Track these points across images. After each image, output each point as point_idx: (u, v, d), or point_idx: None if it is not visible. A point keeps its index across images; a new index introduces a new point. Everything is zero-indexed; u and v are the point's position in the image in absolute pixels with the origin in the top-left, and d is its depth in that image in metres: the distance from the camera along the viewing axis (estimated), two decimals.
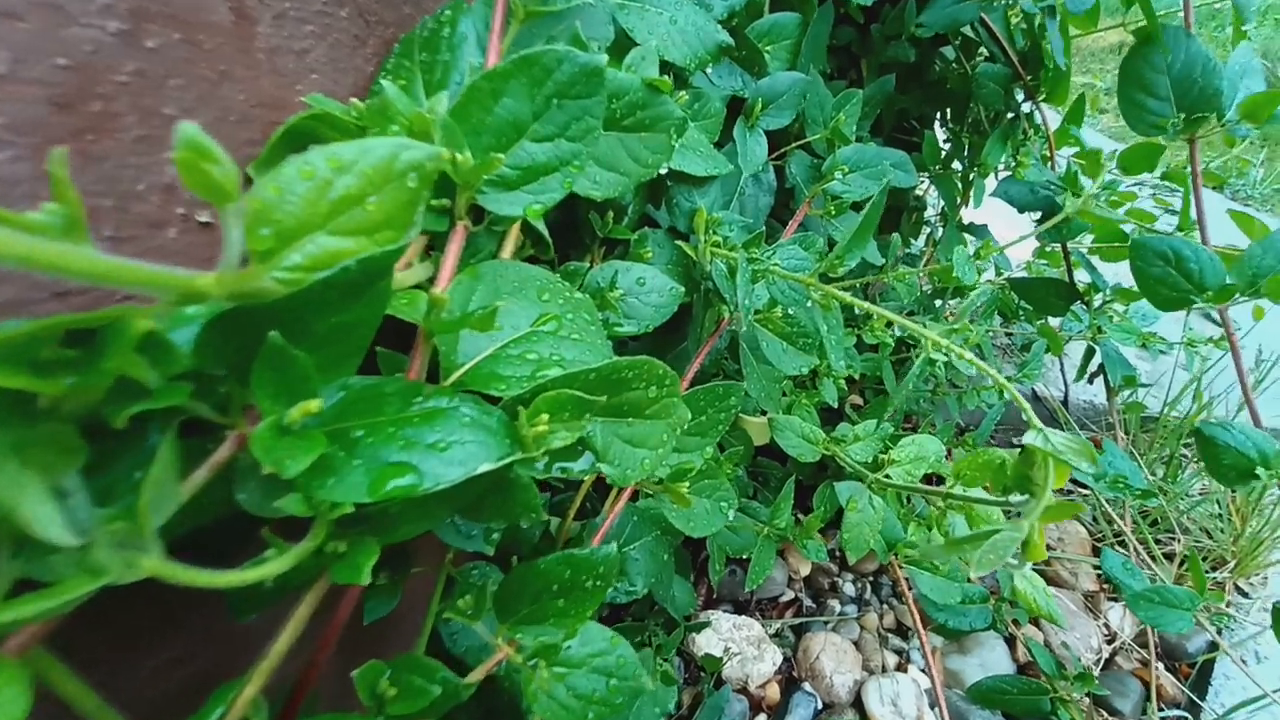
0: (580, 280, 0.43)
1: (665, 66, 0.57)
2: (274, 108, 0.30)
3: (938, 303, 1.40)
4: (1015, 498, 0.34)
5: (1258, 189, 2.84)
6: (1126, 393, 1.01)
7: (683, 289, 0.47)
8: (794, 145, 0.76)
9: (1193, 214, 0.81)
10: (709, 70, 0.60)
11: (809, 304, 0.50)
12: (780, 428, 0.77)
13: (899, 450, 0.67)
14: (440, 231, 0.30)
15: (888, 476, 0.60)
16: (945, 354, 0.34)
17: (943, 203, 1.05)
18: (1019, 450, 0.41)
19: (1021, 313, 1.24)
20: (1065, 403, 1.32)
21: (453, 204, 0.29)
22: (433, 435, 0.21)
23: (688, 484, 0.43)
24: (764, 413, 0.84)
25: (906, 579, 0.91)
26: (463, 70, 0.33)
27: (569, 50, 0.27)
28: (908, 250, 1.38)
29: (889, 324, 1.05)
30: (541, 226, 0.39)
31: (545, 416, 0.26)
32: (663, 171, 0.43)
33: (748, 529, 0.74)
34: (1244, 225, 0.89)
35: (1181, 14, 0.62)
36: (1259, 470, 0.59)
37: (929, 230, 1.44)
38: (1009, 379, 0.92)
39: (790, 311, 0.55)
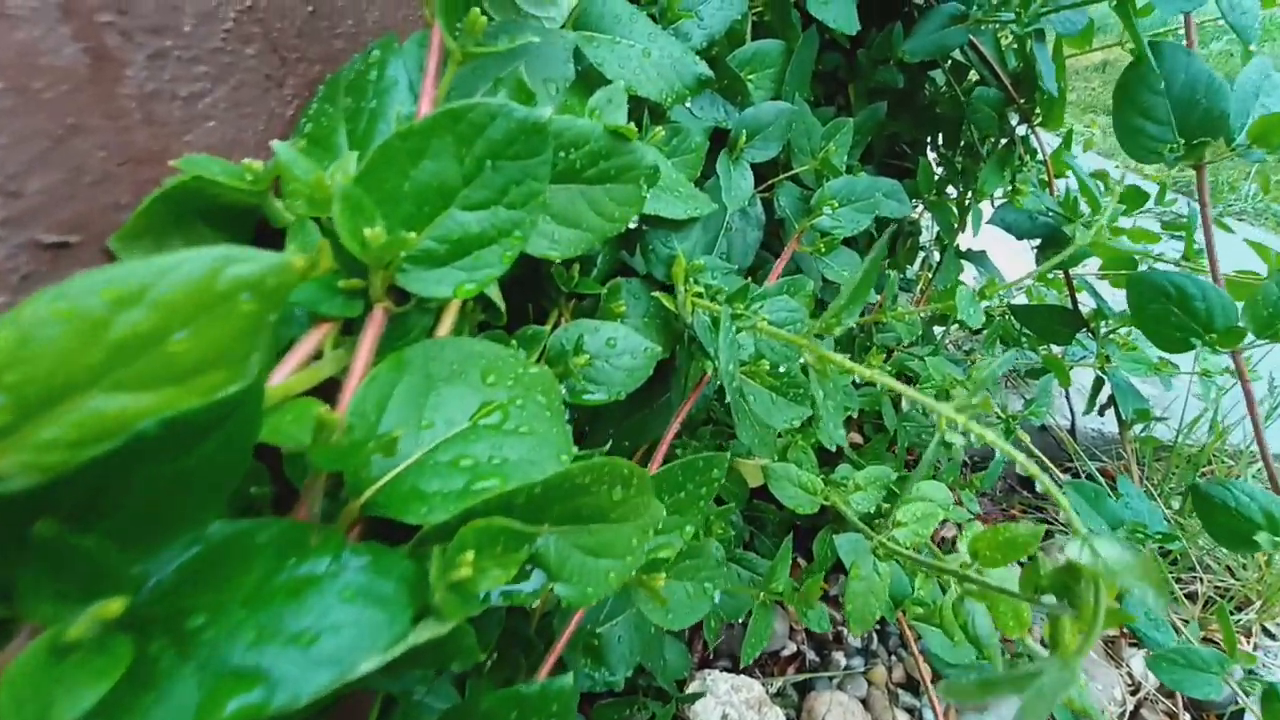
0: (539, 347, 0.38)
1: (640, 102, 0.53)
2: (151, 163, 0.25)
3: (937, 330, 1.36)
4: (1048, 598, 0.29)
5: (1250, 203, 2.83)
6: (1139, 426, 0.96)
7: (659, 348, 0.42)
8: (782, 176, 0.72)
9: (1199, 240, 0.77)
10: (689, 102, 0.56)
11: (800, 361, 0.45)
12: (775, 477, 0.72)
13: (903, 509, 0.61)
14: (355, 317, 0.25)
15: (894, 540, 0.55)
16: (959, 428, 0.30)
17: (938, 228, 1.01)
18: (1043, 530, 0.36)
19: (1025, 340, 1.19)
20: (1073, 431, 1.27)
21: (367, 284, 0.24)
22: (299, 620, 0.15)
23: (664, 575, 0.37)
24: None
25: (914, 631, 0.86)
26: (391, 120, 0.29)
27: (503, 104, 0.23)
28: (903, 276, 1.34)
29: (887, 358, 1.00)
30: (493, 292, 0.34)
31: (471, 554, 0.20)
32: (633, 220, 0.39)
33: (743, 592, 0.69)
34: (1261, 253, 0.85)
35: (1182, 31, 0.59)
36: (1260, 535, 0.54)
37: (924, 255, 1.40)
38: (1015, 415, 0.87)
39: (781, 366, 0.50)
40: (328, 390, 0.25)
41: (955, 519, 0.83)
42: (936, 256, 1.24)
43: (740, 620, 0.72)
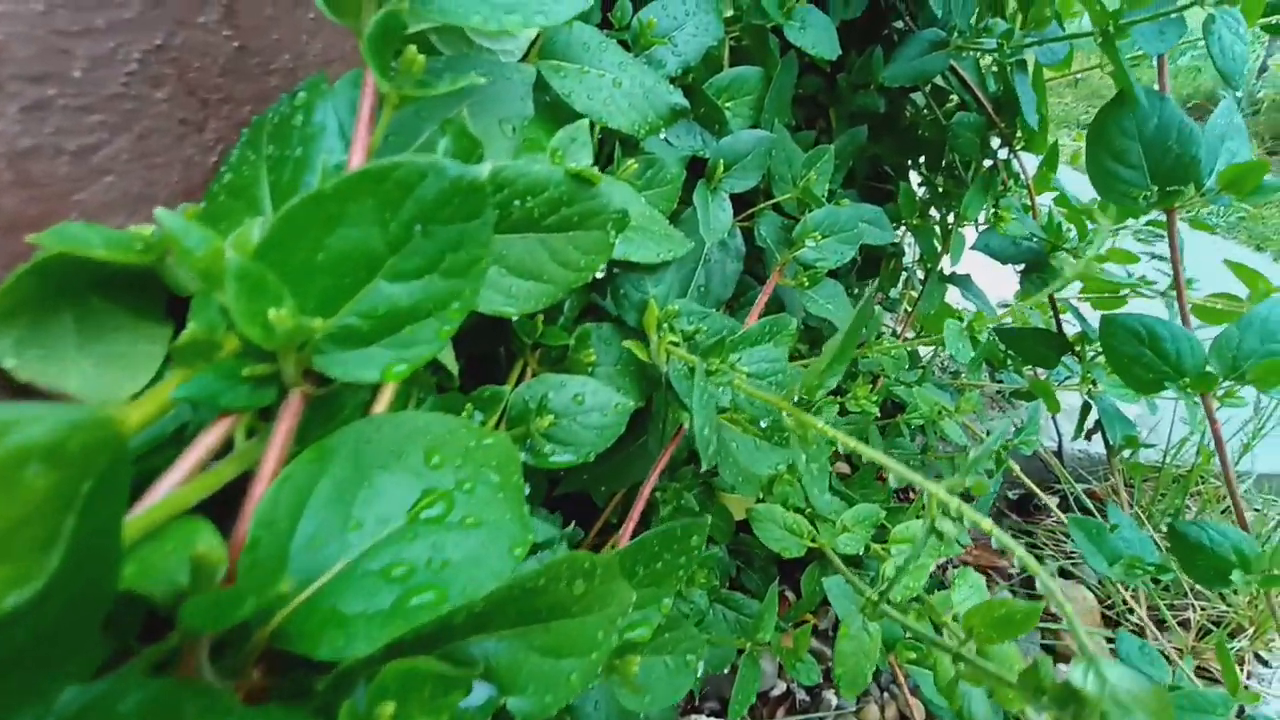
0: (499, 409, 0.34)
1: (612, 133, 0.50)
2: (31, 228, 0.22)
3: (923, 350, 1.34)
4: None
5: (1223, 217, 2.89)
6: (1127, 452, 0.94)
7: (630, 403, 0.39)
8: (763, 205, 0.70)
9: (1167, 269, 0.76)
10: (664, 131, 0.53)
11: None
12: (760, 519, 0.69)
13: (893, 563, 0.58)
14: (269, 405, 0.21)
15: (886, 600, 0.52)
16: (952, 511, 0.27)
17: (921, 250, 1.00)
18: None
19: (1010, 362, 1.18)
20: (1060, 453, 1.25)
21: (280, 367, 0.20)
22: None
23: (639, 656, 0.34)
24: None
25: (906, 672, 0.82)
26: (318, 170, 0.25)
27: (433, 162, 0.20)
28: (886, 297, 1.33)
29: (873, 385, 0.98)
30: (445, 354, 0.31)
31: (393, 706, 0.17)
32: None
33: (728, 643, 0.65)
34: (1242, 275, 0.84)
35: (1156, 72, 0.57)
36: (1235, 573, 0.52)
37: (907, 275, 1.39)
38: (1005, 444, 0.85)
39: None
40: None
41: (947, 554, 0.81)
42: (920, 275, 1.22)
43: (726, 670, 0.68)
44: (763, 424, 0.43)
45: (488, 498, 0.25)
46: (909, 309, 1.43)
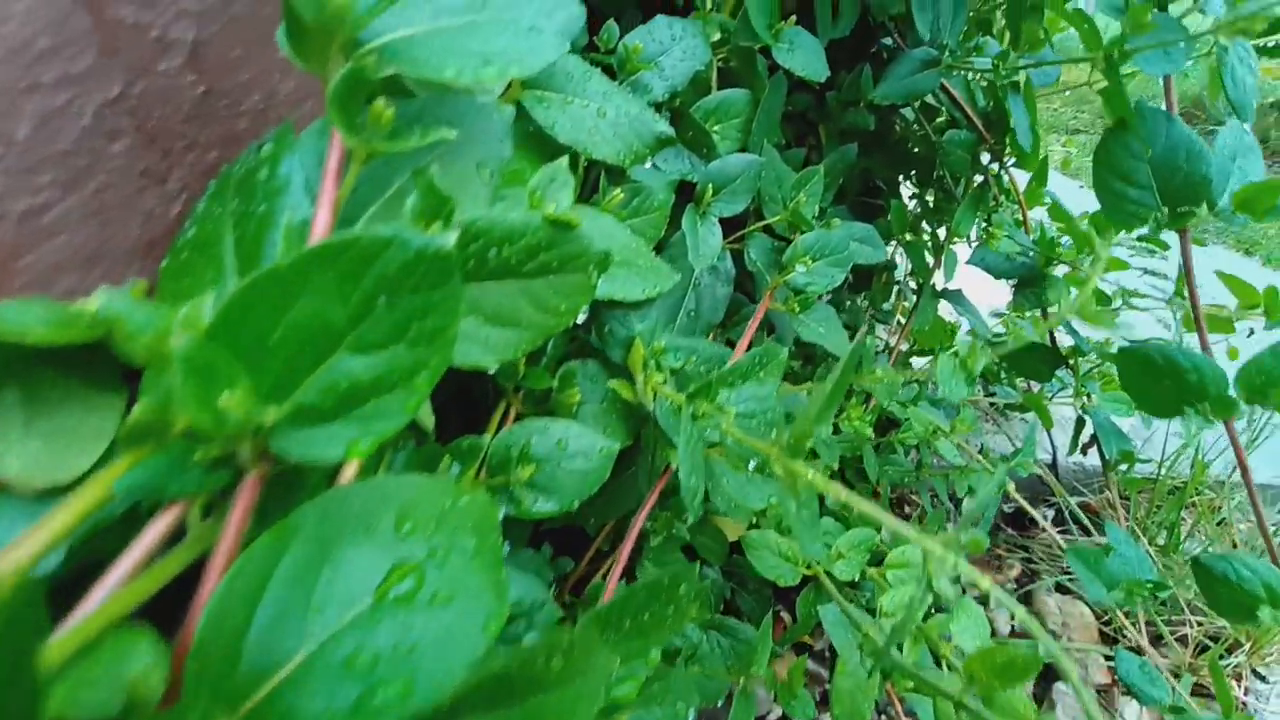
0: (478, 460, 0.33)
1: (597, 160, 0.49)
2: None
3: (916, 362, 1.34)
4: None
5: (1212, 221, 2.89)
6: (1123, 466, 0.94)
7: (615, 445, 0.38)
8: (753, 227, 0.69)
9: (1183, 290, 0.76)
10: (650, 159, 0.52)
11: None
12: (754, 546, 0.68)
13: (889, 596, 0.57)
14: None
15: (881, 629, 0.51)
16: (952, 571, 0.26)
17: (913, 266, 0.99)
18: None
19: (1004, 376, 1.18)
20: (1054, 466, 1.25)
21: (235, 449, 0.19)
22: None
23: (627, 713, 0.33)
24: None
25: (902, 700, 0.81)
26: (281, 227, 0.24)
27: (395, 234, 0.19)
28: (879, 310, 1.32)
29: (866, 404, 0.97)
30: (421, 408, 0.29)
31: None
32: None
33: (720, 676, 0.64)
34: (1234, 287, 0.84)
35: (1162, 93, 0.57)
36: (1263, 609, 0.52)
37: (899, 287, 1.39)
38: (1003, 459, 0.84)
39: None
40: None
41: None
42: (912, 286, 1.22)
43: (720, 703, 0.67)
44: (751, 464, 0.42)
45: (461, 567, 0.24)
46: (902, 320, 1.42)
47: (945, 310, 1.20)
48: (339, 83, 0.22)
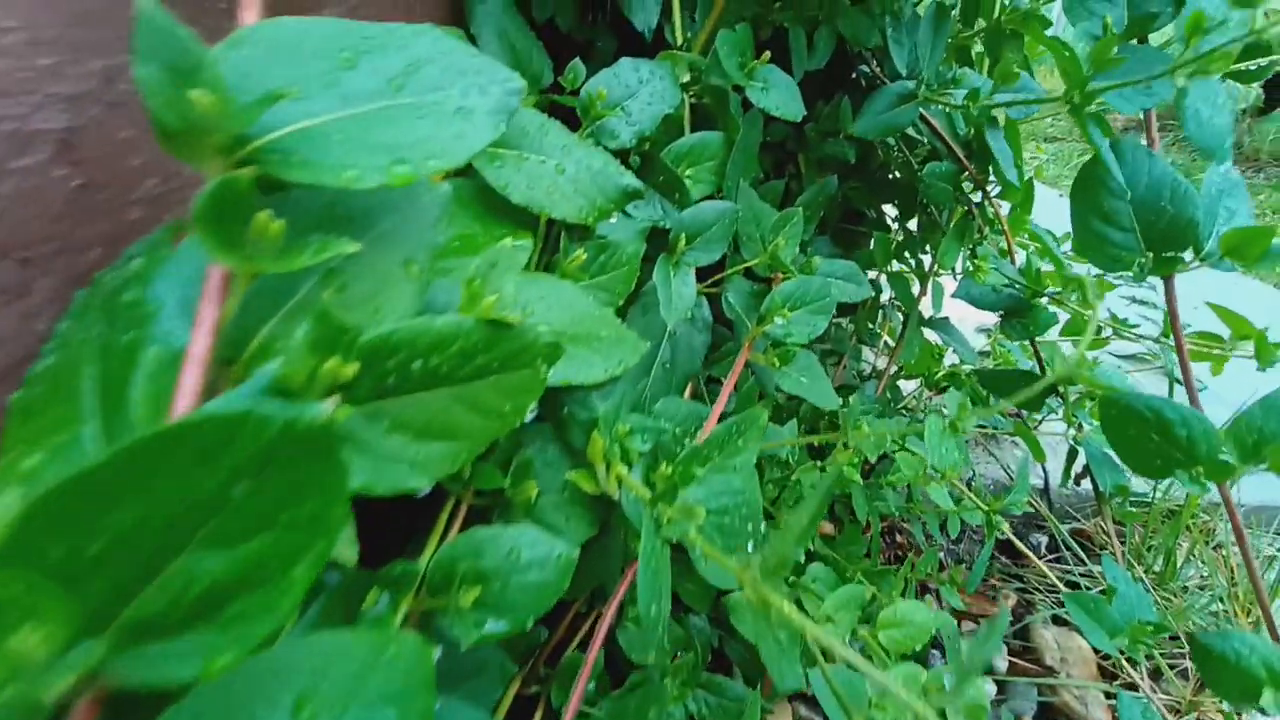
0: (411, 588, 0.29)
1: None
2: None
3: (904, 386, 1.31)
4: None
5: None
6: (1117, 500, 0.91)
7: (575, 550, 0.34)
8: (731, 270, 0.66)
9: (1169, 342, 0.73)
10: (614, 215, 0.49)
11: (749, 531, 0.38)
12: (738, 610, 0.64)
13: (881, 640, 0.54)
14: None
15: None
16: None
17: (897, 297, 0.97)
18: None
19: (991, 401, 1.15)
20: (1046, 493, 1.22)
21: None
22: None
23: None
24: None
25: None
26: (149, 363, 0.20)
27: (252, 409, 0.15)
28: (861, 334, 1.30)
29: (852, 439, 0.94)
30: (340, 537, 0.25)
31: None
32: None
33: None
34: (1227, 319, 0.82)
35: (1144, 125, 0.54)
36: (1266, 694, 0.48)
37: (883, 310, 1.37)
38: (995, 504, 0.81)
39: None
40: None
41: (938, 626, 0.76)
42: (898, 305, 1.19)
43: None
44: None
45: None
46: (889, 341, 1.40)
47: (931, 332, 1.18)
48: (205, 199, 0.18)
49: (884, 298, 1.28)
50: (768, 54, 0.61)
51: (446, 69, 0.24)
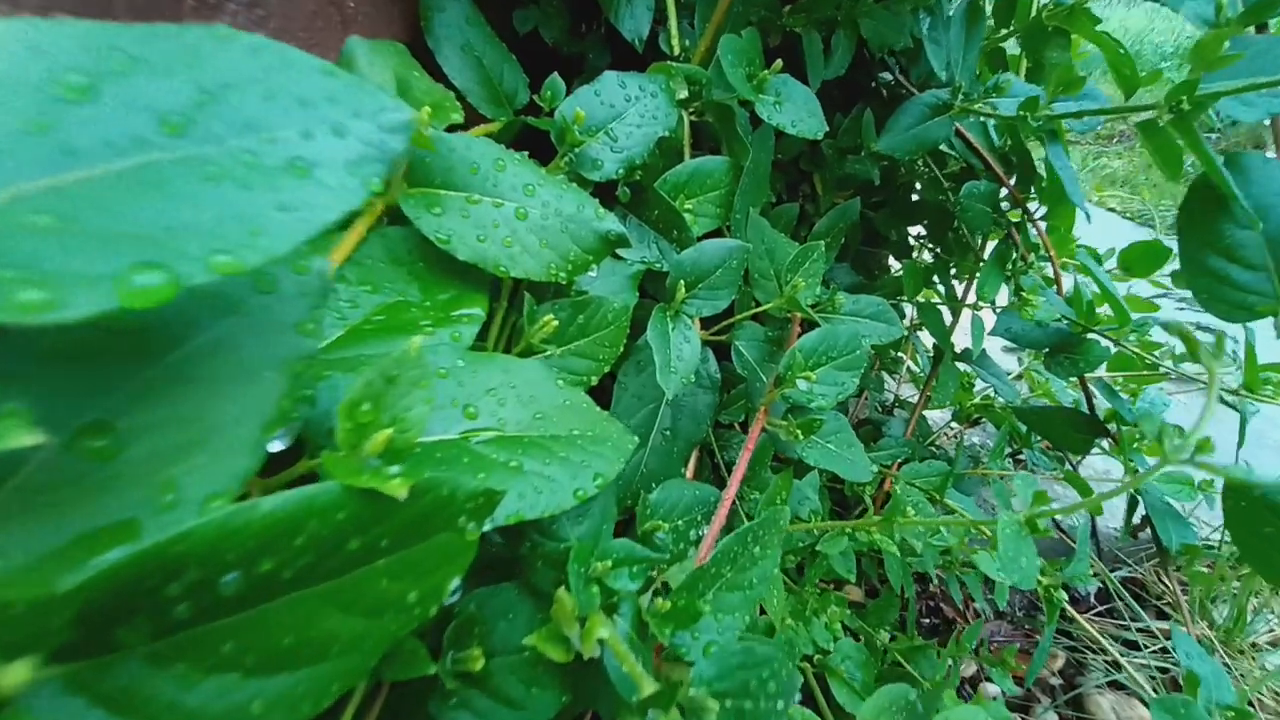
0: None
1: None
2: None
3: (934, 419, 1.21)
4: None
5: None
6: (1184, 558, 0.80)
7: None
8: (741, 316, 0.56)
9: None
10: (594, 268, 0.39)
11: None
12: None
13: None
14: None
15: None
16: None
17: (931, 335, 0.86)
18: None
19: (1035, 442, 1.04)
20: (1093, 535, 1.11)
21: None
22: None
23: None
24: None
25: None
26: None
27: None
28: (882, 360, 1.19)
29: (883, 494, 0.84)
30: None
31: None
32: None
33: None
34: None
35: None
36: None
37: (905, 335, 1.26)
38: (1053, 581, 0.70)
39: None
40: None
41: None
42: (920, 330, 1.09)
43: None
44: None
45: None
46: (911, 367, 1.29)
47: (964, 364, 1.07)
48: None
49: (905, 320, 1.18)
50: (779, 63, 0.51)
51: (273, 96, 0.15)
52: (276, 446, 0.19)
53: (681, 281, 0.46)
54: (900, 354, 1.25)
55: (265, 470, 0.23)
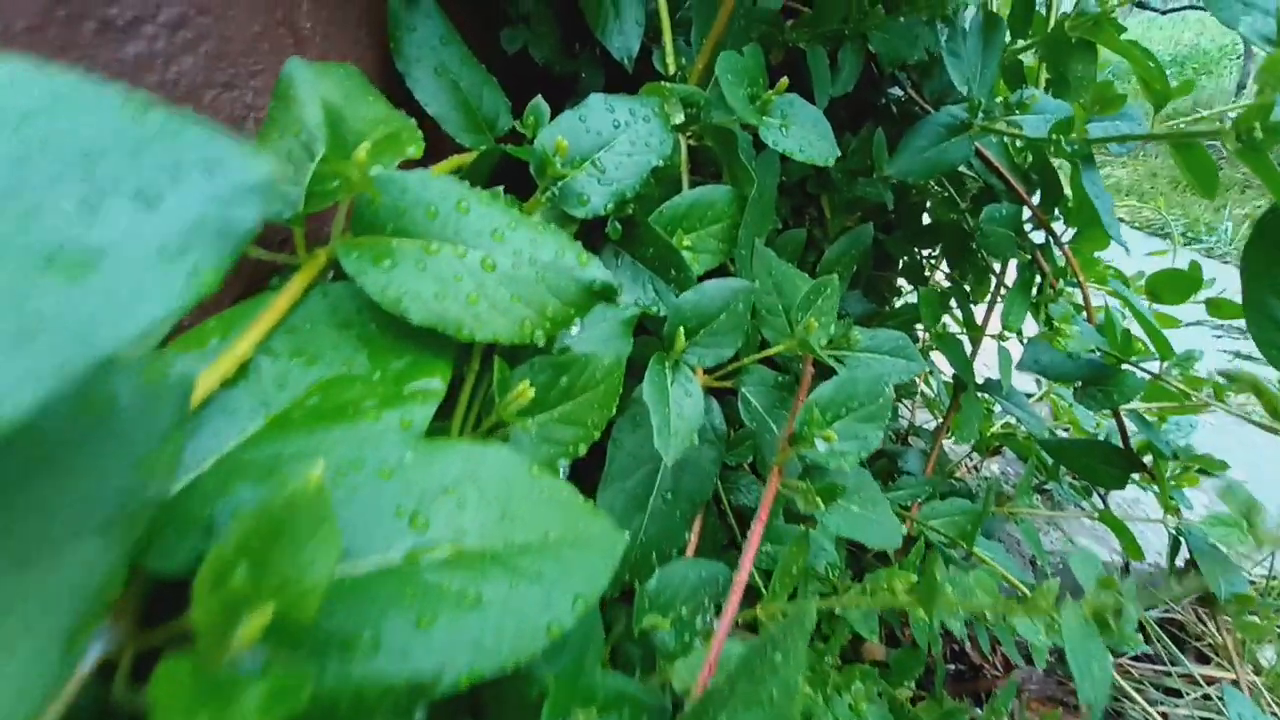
0: None
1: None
2: None
3: (952, 451, 1.14)
4: None
5: (1232, 246, 2.75)
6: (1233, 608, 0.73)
7: None
8: (748, 360, 0.50)
9: None
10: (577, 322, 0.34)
11: None
12: None
13: None
14: None
15: None
16: None
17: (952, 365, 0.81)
18: None
19: (1062, 474, 0.98)
20: (1126, 572, 1.04)
21: None
22: None
23: None
24: None
25: None
26: None
27: None
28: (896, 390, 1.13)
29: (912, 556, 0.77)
30: None
31: None
32: None
33: None
34: None
35: None
36: None
37: (930, 366, 1.20)
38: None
39: None
40: None
41: None
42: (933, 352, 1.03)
43: None
44: None
45: None
46: (925, 392, 1.23)
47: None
48: None
49: (917, 344, 1.12)
50: (785, 81, 0.46)
51: (40, 145, 0.09)
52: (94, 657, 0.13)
53: (681, 328, 0.41)
54: (914, 378, 1.19)
55: (149, 615, 0.18)
